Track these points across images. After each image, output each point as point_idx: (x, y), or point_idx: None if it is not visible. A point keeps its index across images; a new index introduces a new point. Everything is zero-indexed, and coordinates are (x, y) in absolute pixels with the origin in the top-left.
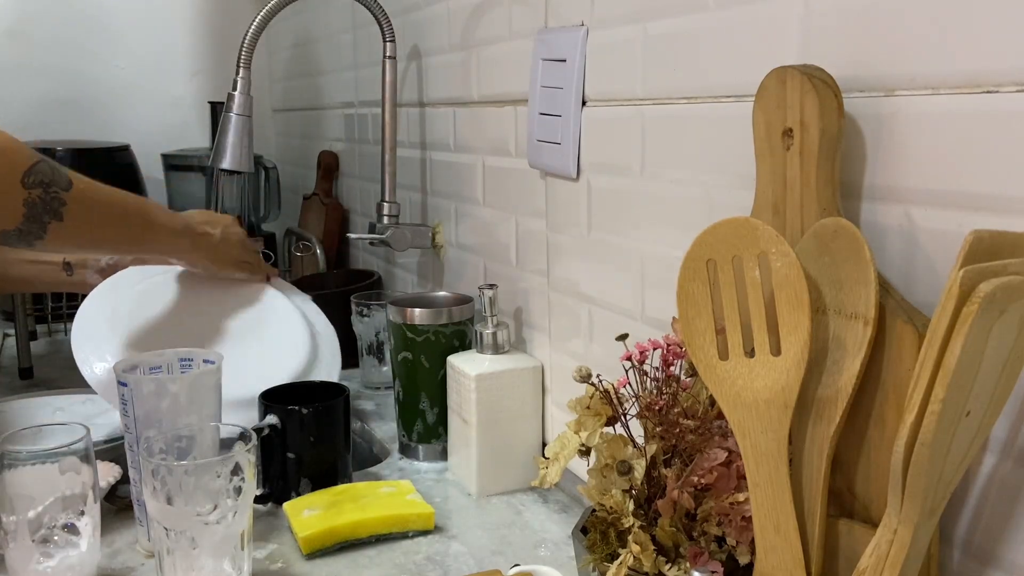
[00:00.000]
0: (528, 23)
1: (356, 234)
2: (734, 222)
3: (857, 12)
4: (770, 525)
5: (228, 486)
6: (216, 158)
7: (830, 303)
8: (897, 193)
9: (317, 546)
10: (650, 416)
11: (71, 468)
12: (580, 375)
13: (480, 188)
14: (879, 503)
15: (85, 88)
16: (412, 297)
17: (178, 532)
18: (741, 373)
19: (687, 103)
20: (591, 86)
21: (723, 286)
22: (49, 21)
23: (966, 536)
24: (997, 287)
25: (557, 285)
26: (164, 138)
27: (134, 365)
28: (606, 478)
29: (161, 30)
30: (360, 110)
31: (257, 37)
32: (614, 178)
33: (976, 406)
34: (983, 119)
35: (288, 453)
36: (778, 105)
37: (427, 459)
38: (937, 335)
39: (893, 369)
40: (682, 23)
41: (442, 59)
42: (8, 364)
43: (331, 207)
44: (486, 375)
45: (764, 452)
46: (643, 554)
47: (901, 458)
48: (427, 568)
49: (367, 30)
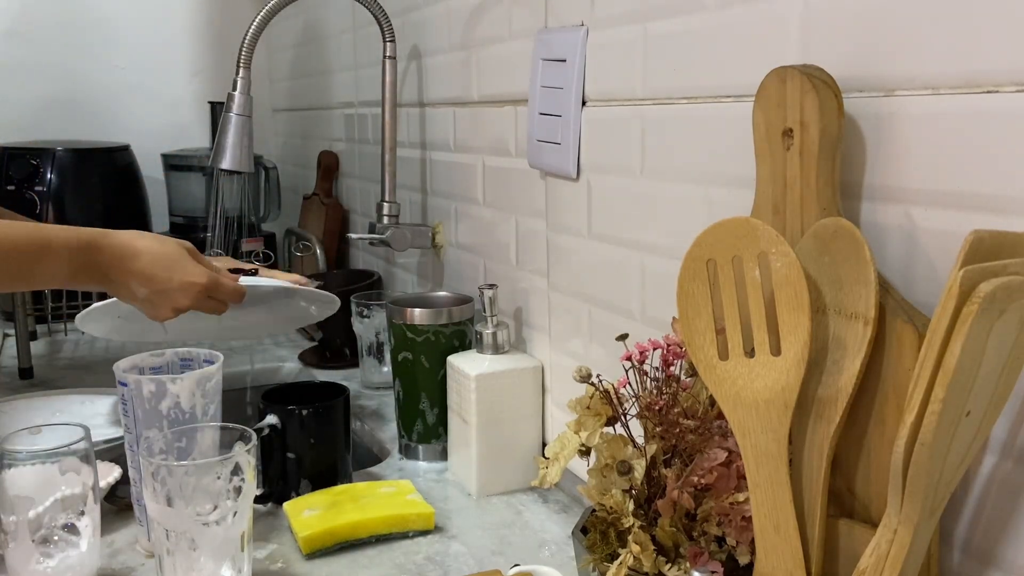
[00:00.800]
0: (528, 23)
1: (356, 234)
2: (734, 222)
3: (857, 12)
4: (770, 525)
5: (228, 486)
6: (216, 158)
7: (830, 303)
8: (897, 193)
9: (317, 546)
10: (650, 416)
11: (71, 468)
12: (580, 375)
13: (480, 188)
14: (879, 503)
15: (85, 88)
16: (412, 297)
17: (178, 532)
18: (741, 373)
19: (687, 103)
20: (591, 86)
21: (723, 286)
22: (49, 21)
23: (966, 536)
24: (997, 287)
25: (557, 285)
26: (164, 138)
27: (134, 365)
28: (606, 478)
29: (161, 30)
30: (360, 110)
31: (257, 37)
32: (614, 178)
33: (976, 406)
34: (983, 119)
35: (288, 453)
36: (778, 105)
37: (427, 459)
38: (937, 335)
39: (893, 369)
40: (682, 23)
41: (442, 59)
42: (8, 364)
43: (331, 207)
44: (486, 375)
45: (764, 452)
46: (643, 554)
47: (901, 458)
48: (427, 568)
49: (367, 30)
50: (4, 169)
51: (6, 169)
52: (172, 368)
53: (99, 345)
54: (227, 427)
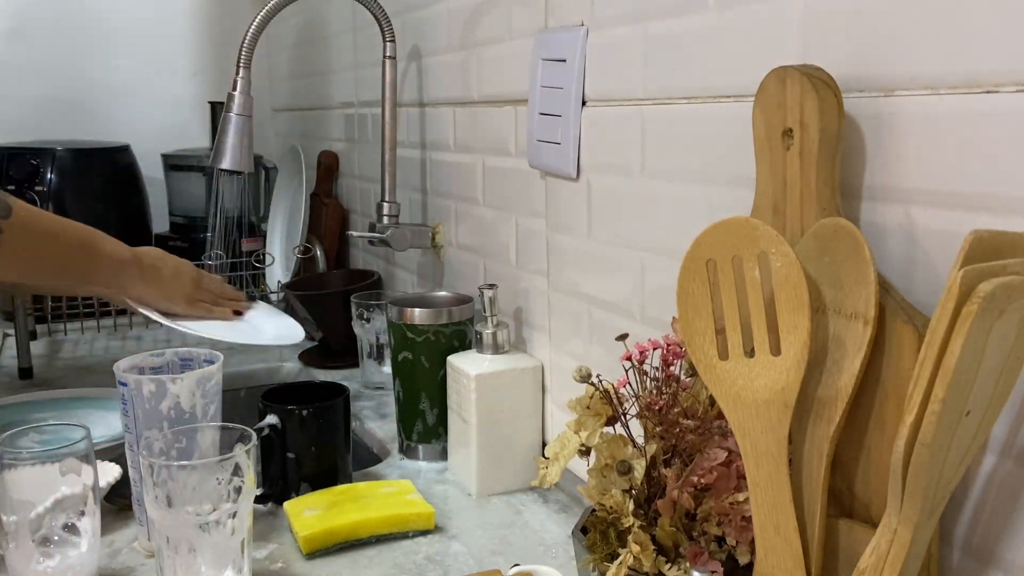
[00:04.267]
0: (528, 23)
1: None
2: (734, 222)
3: (857, 12)
4: (770, 525)
5: (228, 487)
6: (216, 158)
7: (830, 303)
8: (897, 193)
9: (317, 546)
10: (650, 416)
11: (71, 468)
12: (580, 375)
13: (480, 188)
14: (879, 503)
15: (85, 88)
16: (412, 297)
17: (178, 532)
18: (741, 373)
19: (687, 103)
20: (591, 86)
21: (723, 286)
22: (49, 21)
23: (966, 536)
24: (997, 287)
25: (557, 285)
26: (164, 138)
27: (134, 365)
28: (606, 478)
29: (161, 30)
30: (360, 110)
31: (257, 37)
32: (614, 178)
33: (976, 406)
34: (983, 119)
35: (288, 453)
36: (778, 105)
37: (427, 459)
38: (937, 335)
39: (893, 369)
40: (682, 23)
41: (442, 59)
42: (8, 364)
43: (331, 207)
44: (486, 375)
45: (764, 452)
46: (643, 554)
47: (901, 458)
48: (427, 568)
49: (367, 30)
50: (4, 169)
51: (6, 169)
52: (172, 368)
53: (99, 345)
54: (227, 427)
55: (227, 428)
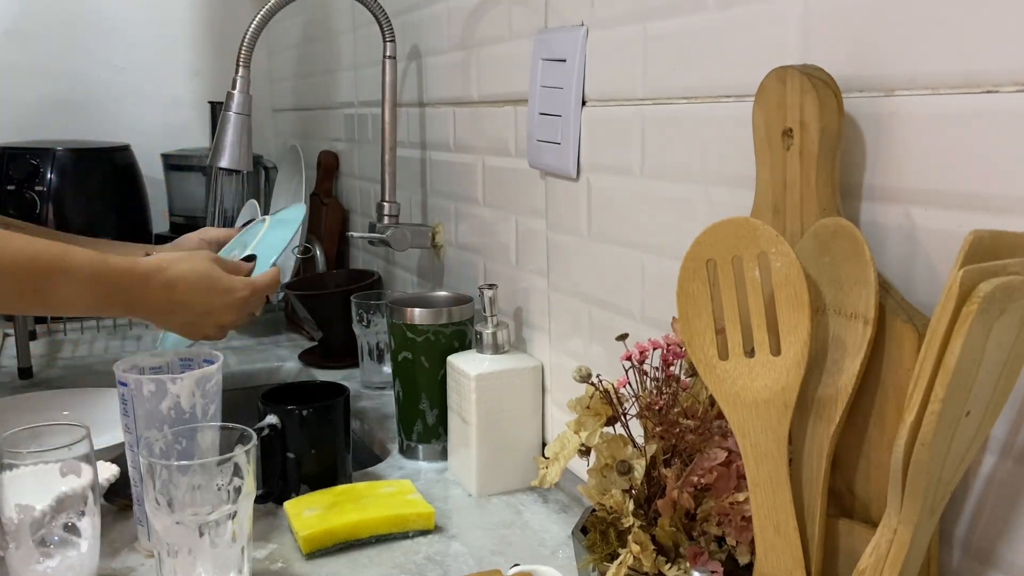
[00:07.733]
0: (528, 23)
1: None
2: (734, 222)
3: (857, 12)
4: (770, 525)
5: (228, 487)
6: (215, 157)
7: (830, 303)
8: (897, 193)
9: (317, 546)
10: (650, 416)
11: (71, 469)
12: (580, 375)
13: (480, 188)
14: (879, 503)
15: (85, 88)
16: (412, 297)
17: (178, 533)
18: (741, 373)
19: (687, 103)
20: (591, 86)
21: (723, 286)
22: (49, 21)
23: (966, 536)
24: (997, 287)
25: (557, 285)
26: (164, 138)
27: (134, 365)
28: (606, 478)
29: (161, 30)
30: (360, 110)
31: (257, 37)
32: (614, 178)
33: (976, 406)
34: (983, 119)
35: (288, 453)
36: (778, 105)
37: (427, 459)
38: (937, 335)
39: (893, 369)
40: (682, 23)
41: (442, 59)
42: (8, 364)
43: (331, 207)
44: (486, 375)
45: (764, 452)
46: (643, 554)
47: (901, 458)
48: (427, 568)
49: (367, 30)
50: (4, 169)
51: (6, 169)
52: (172, 368)
53: (99, 345)
54: (227, 427)
55: (227, 428)
